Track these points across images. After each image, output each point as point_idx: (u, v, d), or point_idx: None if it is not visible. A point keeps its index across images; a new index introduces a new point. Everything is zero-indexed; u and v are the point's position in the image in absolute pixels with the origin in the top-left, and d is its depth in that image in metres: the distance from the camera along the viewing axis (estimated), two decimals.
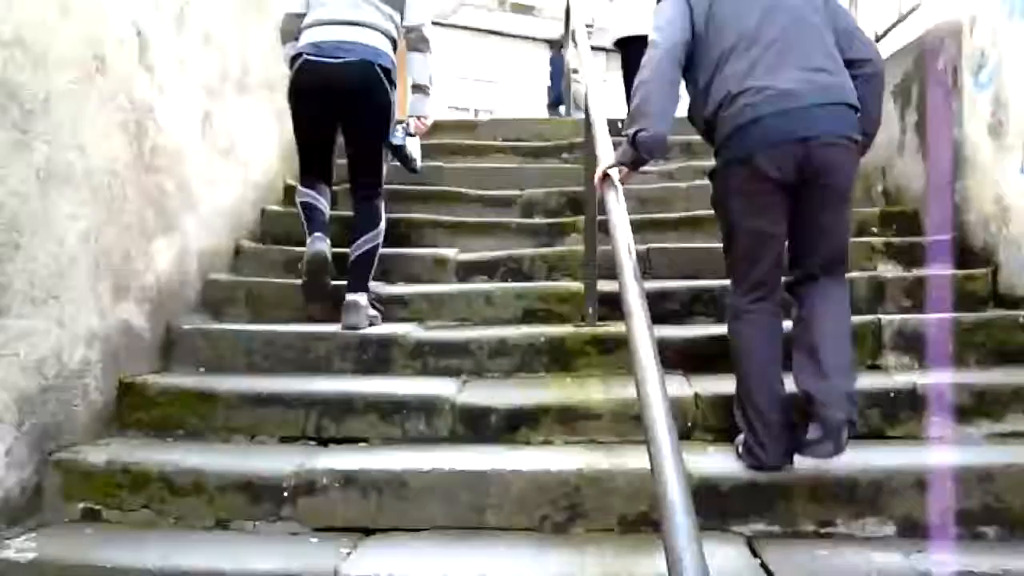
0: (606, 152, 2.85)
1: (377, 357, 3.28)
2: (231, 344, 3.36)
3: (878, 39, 5.04)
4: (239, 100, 4.18)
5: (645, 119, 2.51)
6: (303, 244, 4.08)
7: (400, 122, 3.94)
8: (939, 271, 3.69)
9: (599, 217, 3.48)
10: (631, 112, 2.58)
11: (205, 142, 3.76)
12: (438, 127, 5.94)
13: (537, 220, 4.52)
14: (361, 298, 3.47)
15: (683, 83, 2.63)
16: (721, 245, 2.73)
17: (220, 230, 3.95)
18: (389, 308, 3.65)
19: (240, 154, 4.18)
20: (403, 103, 3.91)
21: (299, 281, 3.60)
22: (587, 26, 7.70)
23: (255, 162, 4.40)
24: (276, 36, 4.00)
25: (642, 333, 1.87)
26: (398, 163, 4.19)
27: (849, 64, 2.52)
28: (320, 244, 3.55)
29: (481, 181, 4.98)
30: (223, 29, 3.98)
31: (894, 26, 4.86)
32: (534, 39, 18.21)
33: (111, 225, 2.97)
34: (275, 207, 4.58)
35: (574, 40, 7.69)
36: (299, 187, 3.75)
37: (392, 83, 3.63)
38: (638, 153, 2.56)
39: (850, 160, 2.49)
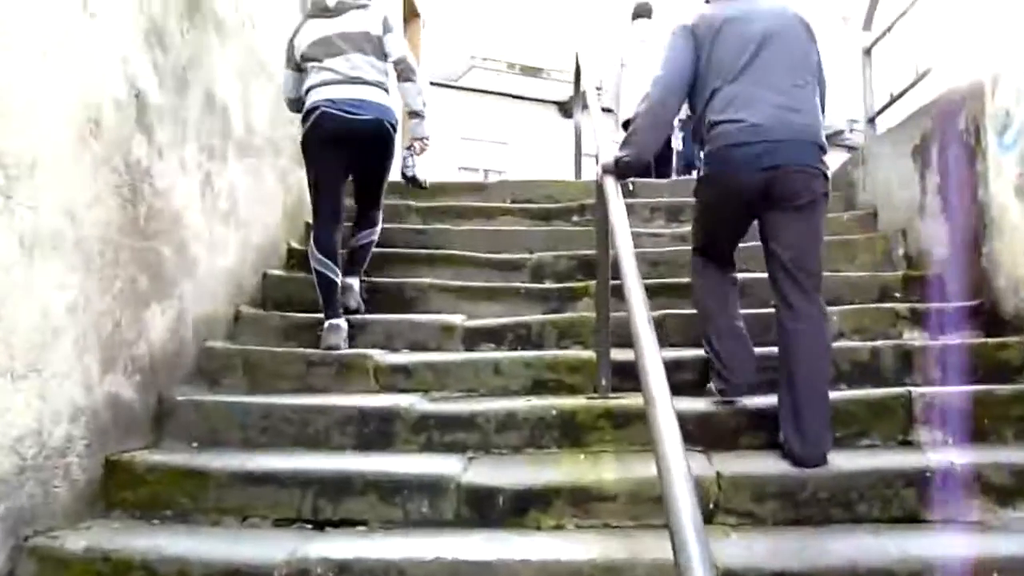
0: (619, 216, 2.75)
1: (379, 431, 3.10)
2: (226, 417, 3.20)
3: (893, 100, 4.95)
4: (242, 161, 4.09)
5: (631, 148, 3.07)
6: (305, 310, 4.02)
7: (408, 148, 4.36)
8: (969, 339, 3.52)
9: (612, 281, 3.37)
10: (626, 136, 3.14)
11: (205, 204, 3.66)
12: (445, 190, 5.87)
13: (547, 284, 4.37)
14: (355, 282, 4.08)
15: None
16: None
17: (219, 295, 3.82)
18: (392, 378, 3.49)
19: (241, 216, 4.07)
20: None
21: (300, 349, 3.70)
22: (596, 88, 7.70)
23: (257, 224, 4.30)
24: (280, 98, 4.27)
25: (665, 410, 1.72)
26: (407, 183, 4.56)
27: None
28: (335, 338, 3.70)
29: (489, 244, 4.85)
30: (226, 89, 3.91)
31: (911, 86, 4.76)
32: (543, 101, 18.41)
33: (102, 293, 2.84)
34: (277, 271, 4.46)
35: (584, 103, 7.69)
36: (313, 250, 3.88)
37: (396, 131, 4.07)
38: (620, 171, 3.09)
39: (812, 186, 2.88)
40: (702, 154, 3.06)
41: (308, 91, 3.92)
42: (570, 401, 3.18)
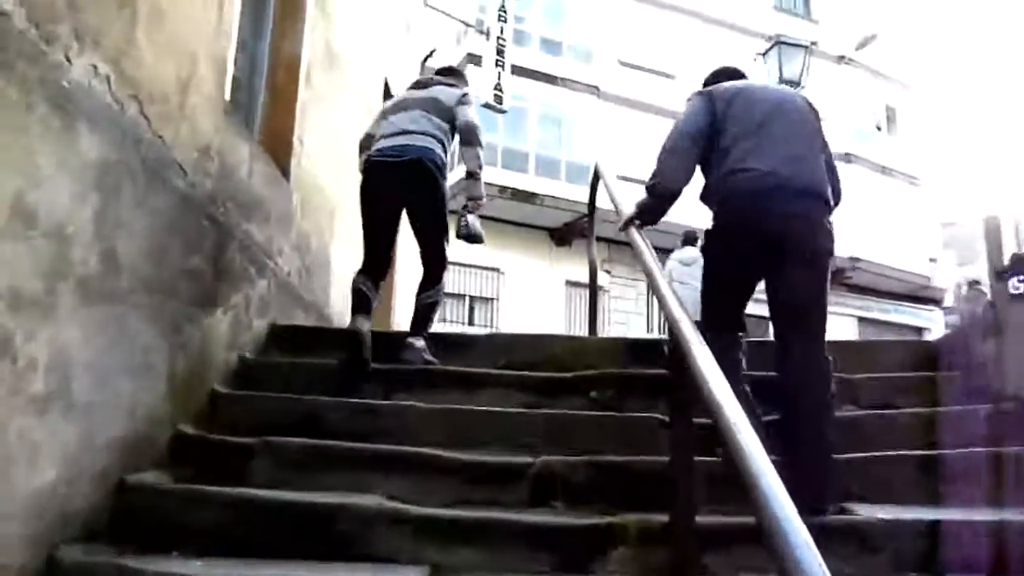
0: (723, 390, 1.35)
1: None
2: None
3: None
4: (90, 311, 2.60)
5: (658, 177, 3.25)
6: (179, 546, 2.54)
7: (464, 207, 4.37)
8: None
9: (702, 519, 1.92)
10: (653, 172, 3.26)
11: None
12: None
13: (559, 517, 2.79)
14: (417, 341, 4.04)
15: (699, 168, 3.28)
16: None
17: (11, 539, 2.26)
18: None
19: (78, 398, 2.54)
20: None
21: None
22: (586, 216, 6.44)
23: (113, 408, 2.77)
24: (184, 215, 3.22)
25: None
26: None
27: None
28: (361, 323, 3.90)
29: (469, 434, 3.32)
30: (64, 200, 2.44)
31: None
32: (534, 227, 17.73)
33: None
34: (146, 475, 2.90)
35: (592, 227, 6.37)
36: (356, 275, 4.20)
37: (442, 174, 4.22)
38: (653, 200, 3.29)
39: (819, 234, 3.04)
40: (713, 203, 3.22)
41: (375, 141, 4.28)
42: None
